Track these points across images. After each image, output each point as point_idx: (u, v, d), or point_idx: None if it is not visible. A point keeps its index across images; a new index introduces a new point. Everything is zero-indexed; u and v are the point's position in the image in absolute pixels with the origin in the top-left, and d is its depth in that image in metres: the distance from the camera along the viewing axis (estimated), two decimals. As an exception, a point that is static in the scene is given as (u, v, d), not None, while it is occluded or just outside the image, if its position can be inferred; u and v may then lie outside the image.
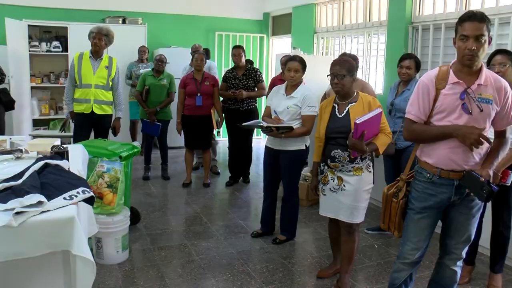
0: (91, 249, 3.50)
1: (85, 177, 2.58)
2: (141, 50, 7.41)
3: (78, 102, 4.89)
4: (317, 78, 5.42)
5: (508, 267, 3.63)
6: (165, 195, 5.56)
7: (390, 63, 5.71)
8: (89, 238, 3.42)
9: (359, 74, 5.86)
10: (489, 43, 2.31)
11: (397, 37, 5.84)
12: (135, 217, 4.34)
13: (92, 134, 5.10)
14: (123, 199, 3.66)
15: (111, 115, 5.07)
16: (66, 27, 7.27)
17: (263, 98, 7.77)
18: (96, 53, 4.88)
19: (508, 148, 2.53)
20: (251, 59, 8.14)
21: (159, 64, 5.92)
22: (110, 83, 4.95)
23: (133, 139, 7.36)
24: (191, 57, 6.45)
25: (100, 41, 4.84)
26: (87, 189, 2.01)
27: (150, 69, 6.20)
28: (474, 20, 2.24)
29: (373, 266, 3.75)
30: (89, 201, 2.01)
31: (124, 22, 7.89)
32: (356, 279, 3.51)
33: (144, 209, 4.86)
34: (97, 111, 4.88)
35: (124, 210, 3.71)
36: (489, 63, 3.22)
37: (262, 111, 5.11)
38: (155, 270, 3.54)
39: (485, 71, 2.38)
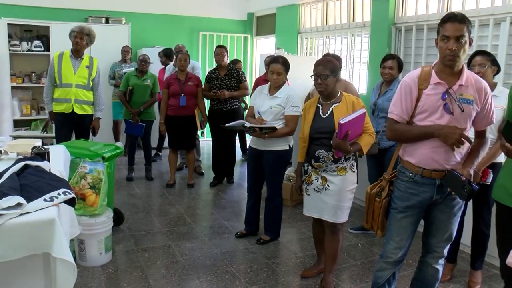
0: (74, 251, 3.50)
1: (66, 178, 2.55)
2: (124, 50, 7.35)
3: (58, 102, 4.81)
4: (301, 78, 5.45)
5: (488, 264, 3.68)
6: (149, 196, 5.52)
7: (373, 63, 5.75)
8: (71, 240, 3.40)
9: (343, 75, 5.90)
10: (470, 44, 2.34)
11: (380, 37, 5.88)
12: (118, 218, 4.30)
13: (74, 135, 5.04)
14: (106, 200, 3.62)
15: (92, 115, 5.00)
16: (48, 26, 7.17)
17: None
18: (76, 53, 4.81)
19: (488, 147, 2.57)
20: (235, 58, 8.14)
21: (143, 64, 5.89)
22: (91, 83, 4.88)
23: (116, 139, 7.30)
24: (174, 57, 6.42)
25: (81, 40, 4.76)
26: (69, 190, 1.99)
27: (133, 69, 6.15)
28: (455, 21, 2.27)
29: (357, 265, 3.77)
30: (71, 202, 1.99)
31: (107, 21, 7.82)
32: (340, 279, 3.52)
33: (128, 210, 4.82)
34: (78, 111, 4.81)
35: (107, 211, 3.67)
36: (469, 64, 3.27)
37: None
38: (139, 271, 3.51)
39: (466, 72, 2.41)
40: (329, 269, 3.28)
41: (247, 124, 3.77)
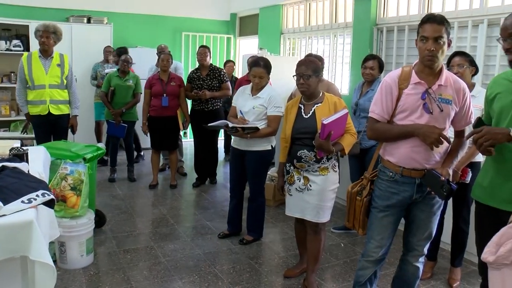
0: (54, 254, 3.45)
1: (46, 180, 2.51)
2: (107, 50, 7.27)
3: (33, 104, 4.70)
4: (284, 78, 5.45)
5: (467, 261, 3.73)
6: (131, 197, 5.48)
7: (355, 64, 5.79)
8: (52, 243, 3.35)
9: (325, 75, 5.93)
10: (449, 45, 2.38)
11: (362, 38, 5.92)
12: (100, 220, 4.25)
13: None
14: (87, 201, 3.59)
15: (69, 114, 4.89)
16: (28, 26, 7.05)
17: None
18: (45, 52, 4.67)
19: (466, 147, 2.61)
20: (218, 60, 8.14)
21: (124, 64, 5.84)
22: (65, 81, 4.77)
23: (98, 140, 7.23)
24: (157, 57, 6.39)
25: (48, 39, 4.61)
26: (48, 192, 1.96)
27: (115, 69, 6.10)
28: (434, 22, 2.30)
29: (339, 264, 3.79)
30: (50, 204, 1.97)
31: (89, 21, 7.74)
32: (323, 278, 3.54)
33: (110, 212, 4.78)
34: (54, 111, 4.72)
35: (88, 213, 3.64)
36: (448, 65, 3.32)
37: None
38: (121, 273, 3.48)
39: (445, 72, 2.44)
40: (312, 269, 3.30)
41: (230, 124, 3.77)
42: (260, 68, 3.77)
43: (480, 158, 3.22)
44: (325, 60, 5.22)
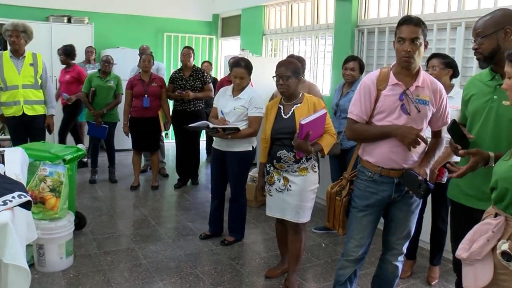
0: (32, 257, 3.41)
1: (24, 182, 2.49)
2: (88, 51, 7.22)
3: (7, 105, 4.58)
4: (266, 79, 5.46)
5: (445, 259, 3.78)
6: (113, 198, 5.44)
7: (336, 65, 5.83)
8: (30, 245, 3.31)
9: (307, 76, 5.96)
10: (426, 47, 2.42)
11: (344, 39, 5.97)
12: (80, 222, 4.21)
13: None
14: (67, 203, 3.54)
15: (44, 115, 4.77)
16: (4, 25, 6.95)
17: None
18: (16, 52, 4.55)
19: (443, 147, 2.65)
20: (200, 61, 8.13)
21: (105, 65, 5.79)
22: (39, 81, 4.65)
23: (80, 141, 7.15)
24: (139, 58, 6.35)
25: (18, 38, 4.50)
26: (24, 193, 1.94)
27: (97, 70, 6.05)
28: (410, 23, 2.34)
29: (320, 264, 3.81)
30: (26, 206, 1.94)
31: (69, 21, 7.66)
32: (304, 278, 3.56)
33: (91, 213, 4.74)
34: (29, 112, 4.60)
35: (68, 214, 3.59)
36: (427, 66, 3.37)
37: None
38: (101, 275, 3.45)
39: (423, 74, 2.48)
40: (293, 269, 3.31)
41: (211, 125, 3.77)
42: (241, 68, 3.78)
43: (457, 158, 3.27)
44: (306, 61, 5.25)
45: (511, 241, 1.67)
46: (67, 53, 6.34)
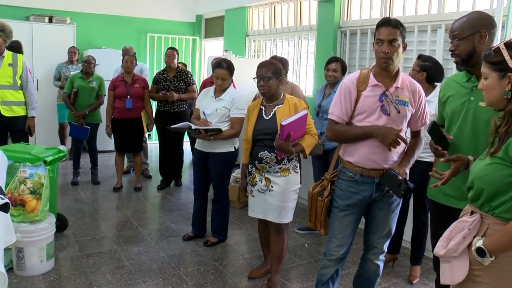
0: (11, 260, 3.36)
1: (2, 184, 2.45)
2: (71, 51, 7.15)
3: None
4: (249, 80, 5.47)
5: (427, 258, 3.83)
6: (95, 200, 5.40)
7: (319, 66, 5.87)
8: (9, 249, 3.27)
9: (290, 77, 5.99)
10: (404, 49, 2.45)
11: (326, 41, 6.02)
12: (62, 224, 4.17)
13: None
14: (48, 205, 3.50)
15: (25, 116, 4.64)
16: (-16, 25, 6.86)
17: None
18: None
19: (422, 147, 2.68)
20: (183, 61, 8.10)
21: (87, 65, 5.74)
22: (18, 81, 4.52)
23: (62, 142, 7.09)
24: (122, 59, 6.32)
25: None
26: (1, 196, 1.92)
27: (79, 70, 5.99)
28: (388, 25, 2.37)
29: (303, 264, 3.83)
30: (4, 208, 1.92)
31: (50, 21, 7.58)
32: (287, 278, 3.57)
33: (73, 215, 4.69)
34: (6, 113, 4.46)
35: (49, 217, 3.55)
36: None
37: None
38: (83, 278, 3.42)
39: (402, 75, 2.52)
40: (275, 269, 3.32)
41: (193, 126, 3.76)
42: (222, 69, 3.79)
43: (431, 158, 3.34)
44: (289, 62, 5.27)
45: (486, 238, 1.70)
46: (12, 49, 6.19)
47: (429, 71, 3.37)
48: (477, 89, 1.96)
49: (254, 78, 3.13)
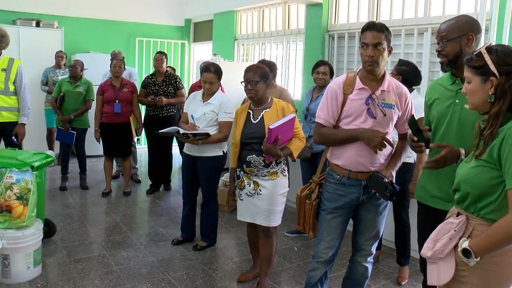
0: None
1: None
2: (58, 56, 7.11)
3: None
4: (237, 84, 5.49)
5: (415, 259, 3.84)
6: (84, 205, 5.36)
7: (307, 69, 5.89)
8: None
9: (278, 81, 6.01)
10: (390, 52, 2.47)
11: (314, 44, 6.05)
12: (50, 230, 4.15)
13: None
14: (35, 211, 3.47)
15: (17, 122, 4.57)
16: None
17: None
18: None
19: (409, 149, 2.70)
20: (172, 65, 8.10)
21: (73, 70, 5.71)
22: (11, 87, 4.47)
23: (50, 148, 7.04)
24: (111, 63, 6.31)
25: None
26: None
27: (67, 75, 5.96)
28: (373, 29, 2.40)
29: (292, 268, 3.84)
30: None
31: (38, 25, 7.53)
32: (277, 281, 3.57)
33: (61, 221, 4.66)
34: None
35: (36, 222, 3.51)
36: None
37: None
38: (71, 284, 3.40)
39: (388, 78, 2.54)
40: (265, 273, 3.32)
41: (181, 131, 3.76)
42: (210, 73, 3.80)
43: (412, 159, 3.38)
44: (278, 65, 5.29)
45: (471, 239, 1.72)
46: None
47: (403, 75, 3.42)
48: (461, 92, 1.98)
49: (241, 82, 3.14)
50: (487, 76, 1.73)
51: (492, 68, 1.71)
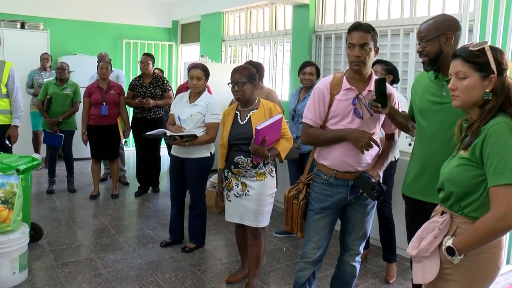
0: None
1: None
2: (44, 58, 7.04)
3: None
4: (225, 85, 5.50)
5: (404, 258, 3.90)
6: (71, 208, 5.32)
7: (295, 70, 5.89)
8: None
9: (266, 82, 6.02)
10: (376, 52, 2.49)
11: (301, 45, 6.07)
12: (36, 233, 4.11)
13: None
14: (21, 215, 3.43)
15: (9, 125, 4.58)
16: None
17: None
18: None
19: (396, 149, 2.73)
20: (160, 67, 8.07)
21: (60, 72, 5.67)
22: (4, 89, 4.47)
23: (36, 151, 6.97)
24: (97, 65, 6.27)
25: None
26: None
27: (53, 77, 5.91)
28: (360, 30, 2.41)
29: (281, 268, 3.84)
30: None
31: (22, 26, 7.45)
32: (266, 282, 3.58)
33: (48, 224, 4.62)
34: None
35: (22, 226, 3.48)
36: None
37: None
38: (58, 288, 3.38)
39: (374, 78, 2.55)
40: (253, 273, 3.32)
41: (168, 133, 3.75)
42: (198, 69, 3.81)
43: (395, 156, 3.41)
44: (265, 66, 5.31)
45: (455, 237, 1.74)
46: None
47: (393, 73, 3.48)
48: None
49: (228, 84, 3.14)
50: (487, 73, 1.72)
51: (493, 65, 1.72)
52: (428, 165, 2.38)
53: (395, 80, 3.53)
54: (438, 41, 2.32)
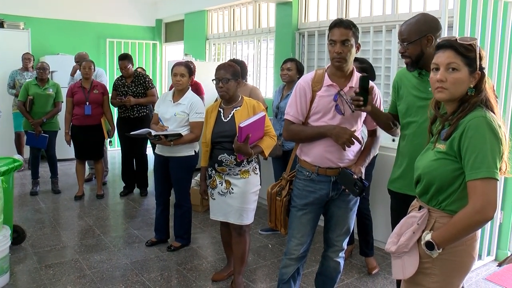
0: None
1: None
2: (25, 58, 6.95)
3: None
4: (209, 84, 5.49)
5: (377, 248, 3.97)
6: (56, 209, 5.27)
7: (278, 67, 5.88)
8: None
9: (250, 79, 6.02)
10: (358, 49, 2.51)
11: (285, 42, 6.09)
12: (19, 236, 4.07)
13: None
14: (1, 217, 3.38)
15: None
16: None
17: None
18: None
19: (379, 145, 2.75)
20: (144, 66, 8.03)
21: (41, 72, 5.60)
22: None
23: (19, 152, 6.89)
24: (73, 65, 6.26)
25: None
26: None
27: (34, 77, 5.84)
28: (341, 26, 2.42)
29: (267, 265, 3.86)
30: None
31: (2, 26, 7.34)
32: (251, 279, 3.59)
33: (31, 226, 4.58)
34: None
35: (3, 229, 3.43)
36: None
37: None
38: (42, 290, 3.35)
39: (356, 75, 2.57)
40: (238, 271, 3.33)
41: (153, 132, 3.74)
42: (181, 66, 3.82)
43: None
44: (249, 64, 5.31)
45: (434, 231, 1.76)
46: None
47: (367, 71, 3.48)
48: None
49: (212, 80, 3.14)
50: (473, 69, 1.74)
51: (478, 62, 1.74)
52: (411, 157, 2.40)
53: (370, 78, 3.53)
54: (420, 43, 2.36)
